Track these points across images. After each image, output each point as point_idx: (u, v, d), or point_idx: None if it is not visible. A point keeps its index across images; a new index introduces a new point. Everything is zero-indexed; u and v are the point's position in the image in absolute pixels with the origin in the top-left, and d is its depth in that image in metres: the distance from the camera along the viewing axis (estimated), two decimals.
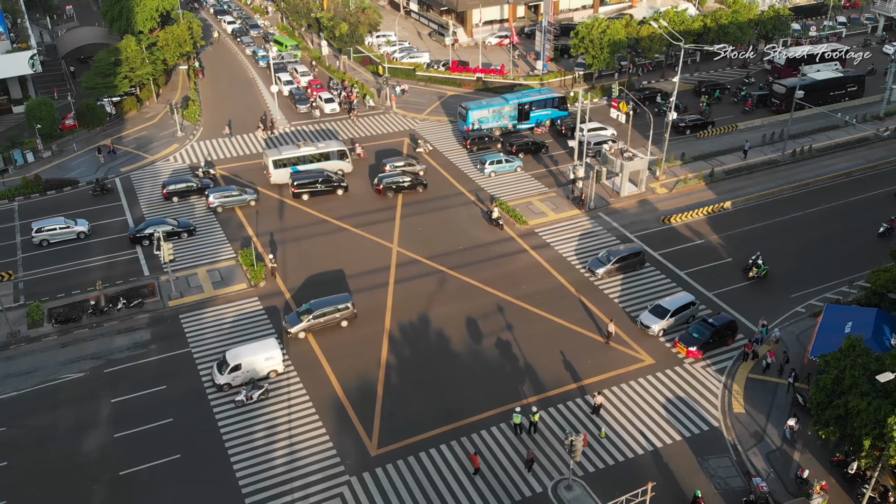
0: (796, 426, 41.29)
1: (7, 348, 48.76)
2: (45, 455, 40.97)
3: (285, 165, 66.89)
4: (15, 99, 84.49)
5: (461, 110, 76.71)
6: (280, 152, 67.60)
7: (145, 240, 58.83)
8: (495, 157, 70.36)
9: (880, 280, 47.58)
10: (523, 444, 41.37)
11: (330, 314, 49.35)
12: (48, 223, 59.60)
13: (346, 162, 68.91)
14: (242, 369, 44.69)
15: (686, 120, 78.34)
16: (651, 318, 49.23)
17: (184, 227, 60.41)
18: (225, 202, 63.85)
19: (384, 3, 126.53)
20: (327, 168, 67.70)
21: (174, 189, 65.44)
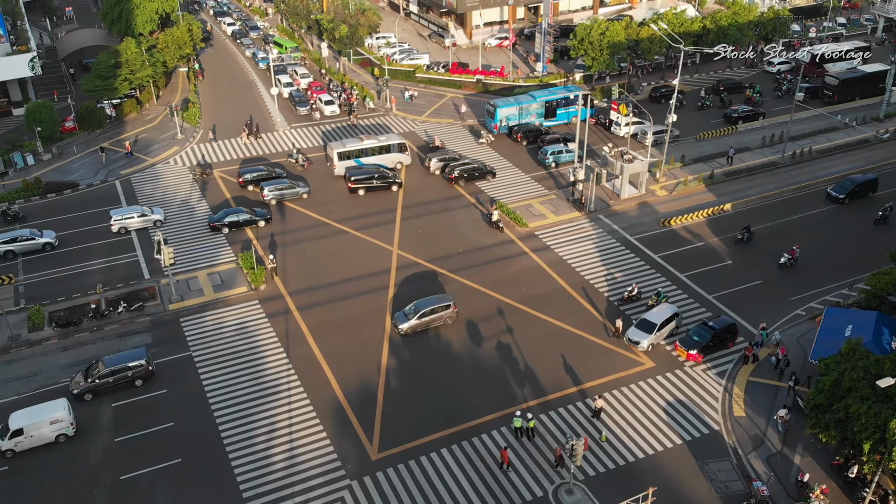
0: (787, 416, 41.75)
1: (8, 352, 48.79)
2: (46, 459, 41.00)
3: (349, 157, 68.78)
4: (15, 101, 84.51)
5: (489, 108, 77.77)
6: (344, 145, 69.32)
7: (225, 227, 60.28)
8: (557, 147, 71.48)
9: (880, 283, 47.66)
10: (524, 447, 41.41)
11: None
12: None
13: (406, 154, 70.80)
14: (25, 434, 40.85)
15: (739, 111, 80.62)
16: (639, 334, 48.17)
17: (260, 216, 61.56)
18: (279, 195, 64.88)
19: (384, 5, 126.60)
20: (387, 161, 69.92)
21: (250, 178, 66.88)
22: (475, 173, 68.73)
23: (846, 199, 64.23)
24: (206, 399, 44.76)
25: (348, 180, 66.79)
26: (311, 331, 50.45)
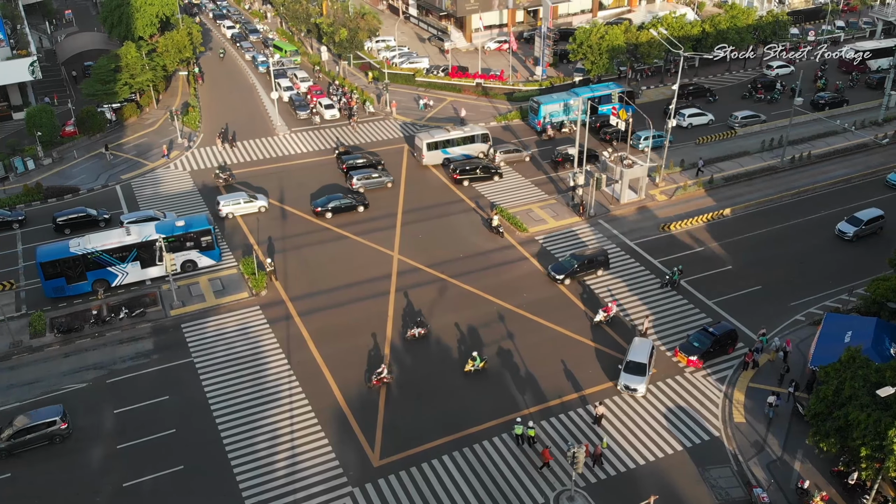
0: (776, 403, 42.43)
1: (9, 358, 48.88)
2: (48, 466, 41.10)
3: (437, 147, 71.67)
4: (15, 105, 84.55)
5: (533, 104, 79.49)
6: (432, 136, 72.28)
7: (329, 212, 63.27)
8: (648, 133, 73.28)
9: (880, 289, 47.81)
10: (525, 454, 41.55)
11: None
12: None
13: (488, 145, 73.29)
14: None
15: (826, 97, 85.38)
16: (634, 379, 45.06)
17: (360, 202, 64.35)
18: (367, 184, 67.55)
19: (383, 8, 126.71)
20: (471, 150, 72.89)
21: (353, 164, 70.15)
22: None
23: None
24: (208, 405, 44.86)
25: (453, 172, 69.06)
26: (312, 336, 50.57)
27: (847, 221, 60.82)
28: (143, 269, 55.16)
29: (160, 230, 54.87)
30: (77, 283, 53.65)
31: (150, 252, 54.14)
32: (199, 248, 56.27)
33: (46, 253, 52.80)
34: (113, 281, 54.75)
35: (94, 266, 53.55)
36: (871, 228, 60.48)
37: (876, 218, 60.77)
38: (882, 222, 60.88)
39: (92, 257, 53.18)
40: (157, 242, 53.55)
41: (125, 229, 55.01)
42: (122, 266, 54.33)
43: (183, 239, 55.41)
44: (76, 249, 52.84)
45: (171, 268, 51.75)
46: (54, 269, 52.51)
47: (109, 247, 53.53)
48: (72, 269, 52.89)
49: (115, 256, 53.80)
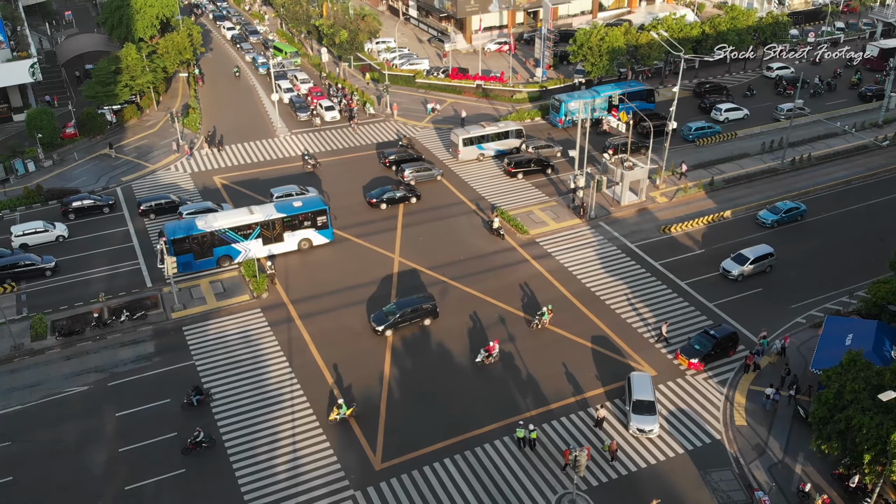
0: (773, 395, 43.02)
1: (11, 361, 48.87)
2: (49, 470, 41.11)
3: (472, 143, 73.15)
4: (15, 107, 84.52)
5: (554, 102, 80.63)
6: (468, 132, 73.71)
7: (383, 203, 65.19)
8: (700, 124, 77.38)
9: (881, 292, 47.87)
10: (527, 457, 41.58)
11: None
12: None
13: (521, 140, 74.88)
14: None
15: (873, 89, 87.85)
16: (646, 420, 42.51)
17: (413, 194, 66.58)
18: (418, 176, 69.44)
19: (383, 9, 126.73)
20: (505, 146, 74.39)
21: (395, 159, 72.13)
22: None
23: None
24: (210, 408, 44.86)
25: (508, 165, 70.57)
26: (313, 339, 50.59)
27: (733, 259, 56.49)
28: (265, 246, 57.98)
29: (280, 210, 58.04)
30: (204, 259, 56.56)
31: (271, 230, 57.43)
32: (315, 227, 59.34)
33: (175, 229, 55.41)
34: (236, 257, 57.66)
35: (219, 243, 56.57)
36: (759, 267, 56.24)
37: (765, 255, 56.46)
38: (772, 260, 56.70)
39: (218, 234, 56.00)
40: (158, 245, 53.58)
41: (247, 209, 58.29)
42: (245, 243, 57.18)
43: (301, 219, 58.55)
44: (204, 227, 55.75)
45: (171, 270, 51.68)
46: (183, 245, 55.28)
47: (235, 224, 56.52)
48: (200, 245, 55.87)
49: (239, 234, 56.72)
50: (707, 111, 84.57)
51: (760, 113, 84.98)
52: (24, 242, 60.28)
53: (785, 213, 62.69)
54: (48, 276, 57.19)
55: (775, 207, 63.18)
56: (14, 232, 60.50)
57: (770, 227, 61.98)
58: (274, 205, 58.91)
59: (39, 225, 61.23)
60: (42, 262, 57.28)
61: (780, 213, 62.60)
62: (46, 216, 64.32)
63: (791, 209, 63.08)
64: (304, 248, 59.63)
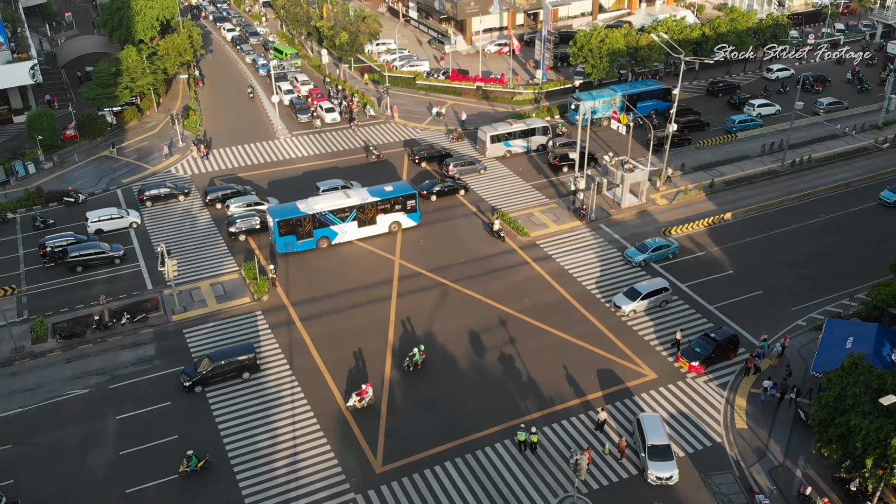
0: (770, 388, 43.72)
1: (11, 364, 48.90)
2: (50, 473, 41.11)
3: (500, 140, 74.44)
4: (15, 109, 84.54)
5: (573, 101, 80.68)
6: (496, 129, 75.08)
7: (433, 195, 66.79)
8: (742, 117, 79.44)
9: (881, 295, 47.94)
10: (527, 460, 41.59)
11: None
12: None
13: (548, 137, 76.34)
14: None
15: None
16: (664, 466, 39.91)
17: (461, 186, 68.39)
18: (462, 170, 71.32)
19: (384, 11, 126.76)
20: (532, 143, 75.68)
21: (425, 155, 74.13)
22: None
23: None
24: (210, 411, 44.87)
25: (553, 159, 71.80)
26: (313, 342, 50.60)
27: (625, 294, 53.07)
28: (359, 229, 60.62)
29: (374, 194, 60.84)
30: (305, 240, 59.27)
31: (366, 213, 60.36)
32: (405, 210, 61.80)
33: (280, 212, 58.38)
34: (334, 238, 60.35)
35: (319, 225, 59.32)
36: (653, 302, 52.82)
37: (658, 290, 52.93)
38: (667, 295, 53.10)
39: (319, 217, 58.46)
40: (159, 248, 53.61)
41: (344, 192, 60.89)
42: (342, 225, 59.88)
43: (393, 202, 60.96)
44: (306, 209, 58.59)
45: (172, 273, 51.69)
46: (288, 226, 58.06)
47: (334, 207, 59.18)
48: (302, 226, 58.67)
49: (337, 216, 59.39)
50: (736, 107, 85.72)
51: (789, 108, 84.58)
52: (99, 228, 62.40)
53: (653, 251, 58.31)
54: (116, 265, 58.41)
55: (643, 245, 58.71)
56: (90, 218, 62.48)
57: None
58: (368, 189, 61.63)
59: (114, 211, 63.27)
60: (111, 250, 58.64)
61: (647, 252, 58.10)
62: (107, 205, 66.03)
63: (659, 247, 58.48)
64: (393, 230, 62.17)
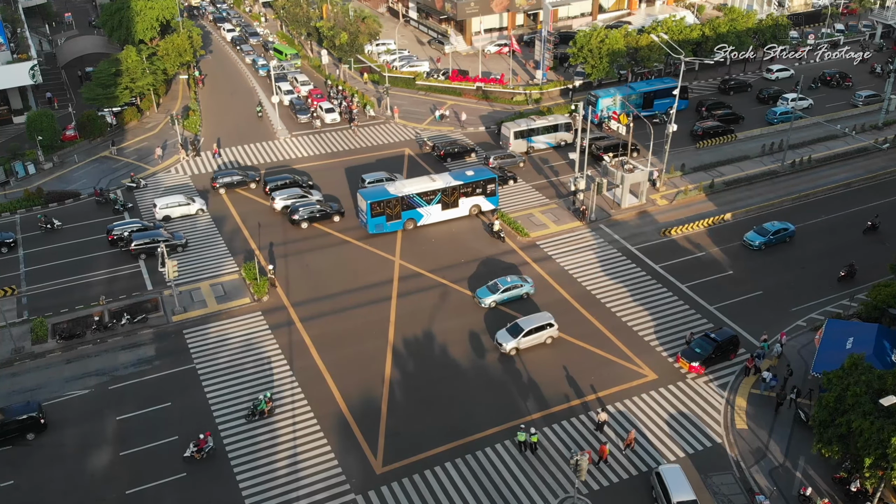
0: (770, 379, 44.99)
1: (11, 364, 48.87)
2: (50, 474, 41.08)
3: (523, 136, 75.73)
4: (15, 109, 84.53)
5: (590, 98, 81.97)
6: (519, 125, 76.28)
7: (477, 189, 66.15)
8: (784, 109, 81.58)
9: (881, 295, 47.94)
10: (527, 461, 41.58)
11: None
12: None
13: (570, 133, 77.48)
14: None
15: None
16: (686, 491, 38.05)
17: (510, 177, 70.29)
18: (503, 163, 72.70)
19: (383, 11, 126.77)
20: (554, 139, 76.89)
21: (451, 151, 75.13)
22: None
23: None
24: (211, 412, 44.87)
25: (597, 150, 72.77)
26: (314, 342, 50.59)
27: (507, 330, 49.78)
28: (443, 211, 62.94)
29: (457, 178, 63.30)
30: (394, 222, 61.78)
31: (450, 196, 62.79)
32: (485, 194, 63.97)
33: (372, 194, 60.99)
34: (419, 220, 62.91)
35: (407, 207, 61.63)
36: (537, 339, 49.37)
37: (542, 325, 49.65)
38: (552, 331, 49.97)
39: (407, 199, 60.88)
40: (158, 248, 53.60)
41: (428, 177, 63.82)
42: (428, 207, 62.31)
43: (474, 186, 63.41)
44: (395, 192, 60.95)
45: (173, 273, 51.66)
46: (379, 208, 60.72)
47: (422, 190, 61.63)
48: (391, 208, 61.17)
49: (424, 199, 61.82)
50: (765, 102, 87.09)
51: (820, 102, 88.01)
52: (167, 214, 64.22)
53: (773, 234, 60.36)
54: (179, 252, 59.59)
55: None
56: (158, 204, 64.26)
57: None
58: (450, 174, 64.13)
59: (182, 198, 65.00)
60: (174, 238, 60.01)
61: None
62: None
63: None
64: (473, 213, 64.41)
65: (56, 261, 59.36)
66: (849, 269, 55.29)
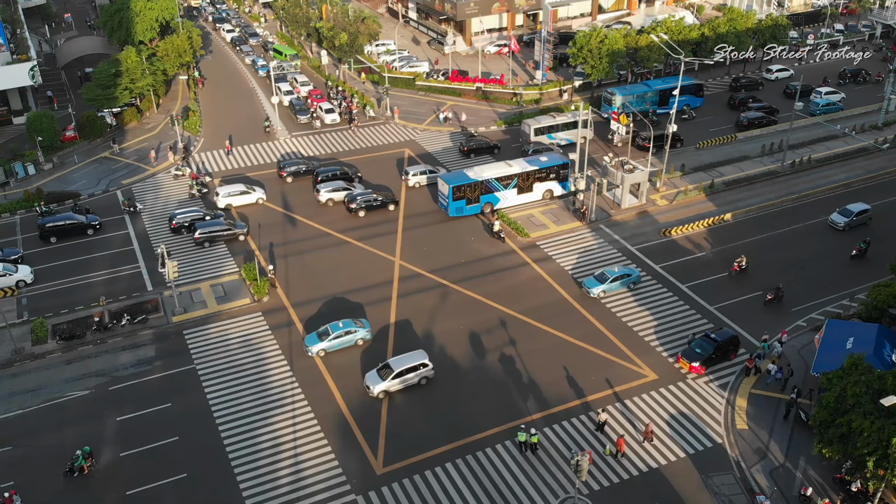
0: (775, 371, 46.30)
1: (11, 365, 48.84)
2: (50, 474, 41.04)
3: (543, 133, 77.11)
4: (15, 110, 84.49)
5: (607, 95, 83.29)
6: (539, 122, 77.80)
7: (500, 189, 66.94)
8: (826, 100, 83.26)
9: (881, 295, 47.92)
10: (528, 461, 41.58)
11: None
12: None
13: (590, 130, 76.31)
14: None
15: None
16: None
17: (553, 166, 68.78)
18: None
19: (383, 12, 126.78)
20: (573, 135, 76.31)
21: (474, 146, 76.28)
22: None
23: None
24: (211, 413, 44.86)
25: (643, 141, 74.93)
26: None
27: (377, 372, 46.60)
28: (518, 196, 65.41)
29: (532, 163, 65.61)
30: (473, 205, 64.10)
31: (525, 181, 65.12)
32: (557, 179, 66.37)
33: (454, 179, 63.48)
34: (496, 204, 65.06)
35: (485, 191, 64.02)
36: (409, 380, 46.13)
37: (417, 365, 46.35)
38: (426, 371, 46.77)
39: (486, 183, 63.40)
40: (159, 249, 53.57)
41: (505, 163, 66.13)
42: (505, 192, 64.58)
43: (547, 171, 65.75)
44: (475, 177, 63.50)
45: (173, 274, 51.64)
46: (460, 192, 63.13)
47: (500, 175, 64.05)
48: (471, 192, 63.48)
49: (501, 183, 64.06)
50: (792, 97, 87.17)
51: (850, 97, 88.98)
52: (229, 203, 65.77)
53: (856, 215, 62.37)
54: (240, 241, 61.27)
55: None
56: (220, 193, 65.96)
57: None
58: (525, 159, 66.45)
59: (243, 187, 66.65)
60: (236, 227, 61.70)
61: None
62: None
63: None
64: (546, 197, 66.47)
65: (56, 261, 59.29)
66: (775, 294, 54.08)
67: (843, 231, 61.23)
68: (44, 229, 61.55)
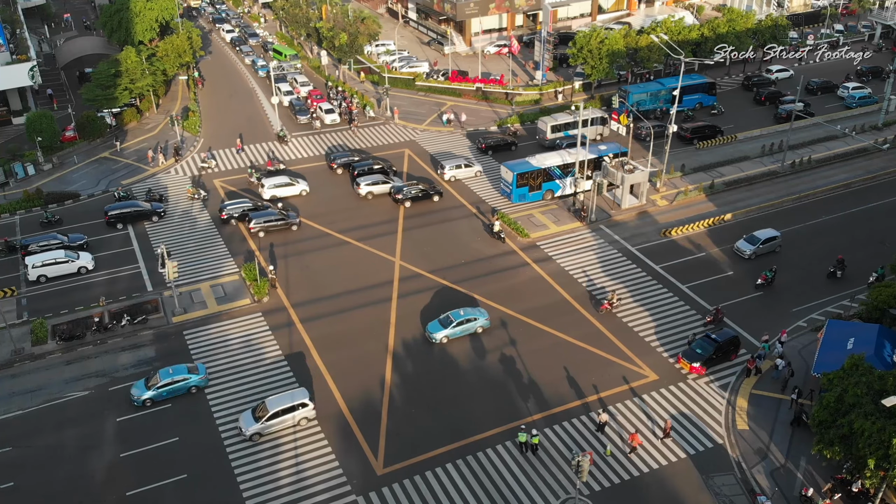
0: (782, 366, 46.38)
1: (11, 366, 48.78)
2: (50, 475, 41.00)
3: (559, 130, 77.57)
4: (14, 110, 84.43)
5: (621, 93, 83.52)
6: (555, 119, 78.53)
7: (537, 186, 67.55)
8: (862, 93, 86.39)
9: (881, 296, 47.89)
10: (529, 462, 41.54)
11: None
12: None
13: (606, 127, 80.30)
14: None
15: None
16: None
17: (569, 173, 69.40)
18: None
19: (383, 12, 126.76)
20: (589, 132, 75.61)
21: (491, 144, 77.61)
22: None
23: None
24: (211, 413, 44.81)
25: (685, 132, 77.51)
26: (314, 344, 50.53)
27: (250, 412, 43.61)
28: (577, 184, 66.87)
29: (592, 152, 67.02)
30: (535, 192, 66.26)
31: (584, 169, 66.72)
32: None
33: (518, 166, 65.63)
34: (556, 191, 66.97)
35: (546, 178, 66.02)
36: (280, 422, 42.88)
37: (294, 406, 43.29)
38: (306, 411, 43.71)
39: (548, 171, 65.16)
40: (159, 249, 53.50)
41: (565, 151, 67.85)
42: (565, 179, 66.32)
43: (608, 160, 66.39)
44: (537, 164, 65.46)
45: (173, 274, 51.59)
46: (523, 179, 65.25)
47: (561, 163, 66.04)
48: (534, 179, 65.67)
49: (562, 171, 65.66)
50: (814, 93, 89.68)
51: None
52: (275, 195, 67.33)
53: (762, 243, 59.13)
54: (294, 231, 62.87)
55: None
56: (266, 185, 67.31)
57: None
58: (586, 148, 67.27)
59: (287, 179, 68.18)
60: (289, 217, 63.29)
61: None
62: None
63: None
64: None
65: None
66: (714, 316, 51.90)
67: (748, 259, 58.80)
68: (111, 216, 63.30)
